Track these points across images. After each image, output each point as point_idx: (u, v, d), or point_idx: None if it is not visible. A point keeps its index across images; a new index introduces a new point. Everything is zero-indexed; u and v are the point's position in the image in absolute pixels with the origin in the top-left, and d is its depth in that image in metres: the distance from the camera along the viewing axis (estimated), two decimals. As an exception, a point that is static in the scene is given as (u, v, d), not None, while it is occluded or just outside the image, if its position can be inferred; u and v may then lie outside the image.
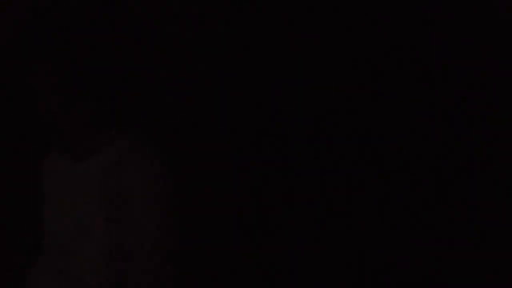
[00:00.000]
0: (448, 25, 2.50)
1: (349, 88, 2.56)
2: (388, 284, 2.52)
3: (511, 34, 2.40)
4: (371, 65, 2.55)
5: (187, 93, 2.54)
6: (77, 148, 1.71)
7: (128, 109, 1.75)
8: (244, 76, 2.56)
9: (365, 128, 2.56)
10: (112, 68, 1.68)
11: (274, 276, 2.54)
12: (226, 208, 2.52)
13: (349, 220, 2.56)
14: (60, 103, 1.65)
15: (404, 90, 2.54)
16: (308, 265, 2.55)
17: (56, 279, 1.72)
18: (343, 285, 2.54)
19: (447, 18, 2.49)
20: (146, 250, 1.63)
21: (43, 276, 1.77)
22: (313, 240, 2.55)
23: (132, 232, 1.64)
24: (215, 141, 2.54)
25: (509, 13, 2.39)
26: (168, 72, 2.53)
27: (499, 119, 2.46)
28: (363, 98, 2.56)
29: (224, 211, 2.52)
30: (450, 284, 2.50)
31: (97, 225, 1.65)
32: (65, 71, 1.64)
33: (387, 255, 2.53)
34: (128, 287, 1.66)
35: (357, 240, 2.54)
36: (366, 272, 2.54)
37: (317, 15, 2.55)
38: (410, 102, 2.54)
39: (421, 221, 2.53)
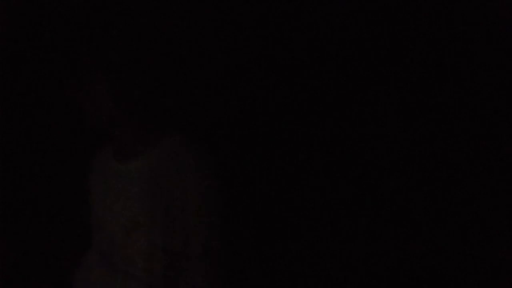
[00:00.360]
0: (448, 25, 2.50)
1: (349, 88, 2.58)
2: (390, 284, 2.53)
3: (511, 34, 2.41)
4: (371, 65, 2.55)
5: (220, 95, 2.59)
6: (125, 149, 1.78)
7: (172, 112, 1.88)
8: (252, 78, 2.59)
9: (365, 129, 2.57)
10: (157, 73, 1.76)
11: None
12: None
13: (351, 221, 2.57)
14: (111, 108, 1.73)
15: (404, 90, 2.55)
16: (311, 265, 2.56)
17: (106, 271, 1.78)
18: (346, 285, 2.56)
19: (447, 18, 2.50)
20: (193, 246, 1.69)
21: (95, 268, 1.83)
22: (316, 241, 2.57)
23: (180, 229, 1.70)
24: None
25: (509, 13, 2.39)
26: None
27: (499, 119, 2.47)
28: (363, 98, 2.57)
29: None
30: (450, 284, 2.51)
31: (146, 221, 1.71)
32: (115, 78, 1.72)
33: (389, 256, 2.55)
34: (174, 281, 1.71)
35: (359, 241, 2.56)
36: (368, 272, 2.55)
37: (316, 15, 2.57)
38: (410, 102, 2.55)
39: (422, 222, 2.54)
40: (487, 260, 2.45)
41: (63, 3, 2.58)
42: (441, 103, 2.52)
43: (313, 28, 2.56)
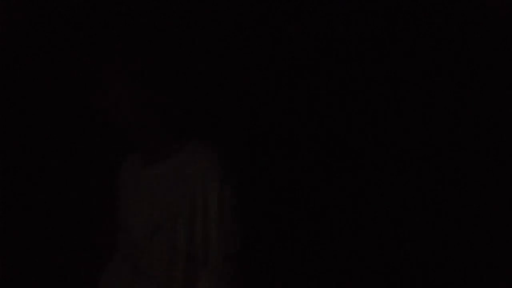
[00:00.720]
0: (447, 24, 2.50)
1: (350, 88, 2.58)
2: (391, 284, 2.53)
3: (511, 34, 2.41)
4: (371, 66, 2.55)
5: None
6: (151, 154, 1.80)
7: (195, 117, 1.87)
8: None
9: (366, 130, 2.57)
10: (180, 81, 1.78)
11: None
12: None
13: (353, 222, 2.57)
14: (137, 113, 1.74)
15: (404, 90, 2.55)
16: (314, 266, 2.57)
17: (130, 273, 1.81)
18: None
19: (447, 18, 2.50)
20: (212, 252, 1.72)
21: (119, 270, 1.86)
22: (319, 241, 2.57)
23: (200, 234, 1.72)
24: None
25: (509, 13, 2.39)
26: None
27: (499, 119, 2.47)
28: (364, 98, 2.57)
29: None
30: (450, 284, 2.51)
31: (168, 226, 1.74)
32: (140, 82, 1.73)
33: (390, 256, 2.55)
34: (193, 286, 1.73)
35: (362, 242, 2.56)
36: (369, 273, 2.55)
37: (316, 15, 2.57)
38: (410, 102, 2.55)
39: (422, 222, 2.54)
40: (487, 260, 2.46)
41: (63, 3, 2.58)
42: (441, 103, 2.52)
43: (317, 29, 2.57)
